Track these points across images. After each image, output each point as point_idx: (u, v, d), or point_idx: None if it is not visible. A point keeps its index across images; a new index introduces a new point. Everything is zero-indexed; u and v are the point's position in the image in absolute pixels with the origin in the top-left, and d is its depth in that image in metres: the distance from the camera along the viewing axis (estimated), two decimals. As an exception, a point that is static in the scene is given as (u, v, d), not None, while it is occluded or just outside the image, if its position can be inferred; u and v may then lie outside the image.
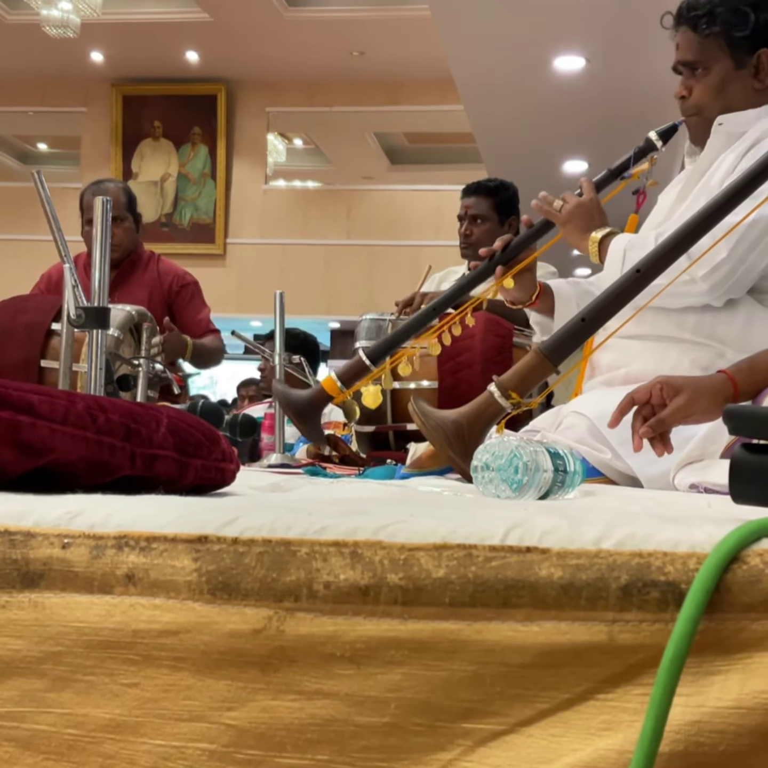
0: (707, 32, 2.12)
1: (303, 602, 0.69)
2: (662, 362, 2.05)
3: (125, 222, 3.71)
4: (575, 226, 2.16)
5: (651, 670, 0.64)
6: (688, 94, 2.18)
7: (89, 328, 1.84)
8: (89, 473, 0.91)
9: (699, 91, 2.16)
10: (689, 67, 2.17)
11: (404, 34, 11.74)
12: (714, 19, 2.11)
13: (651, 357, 2.07)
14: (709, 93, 2.15)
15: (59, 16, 10.36)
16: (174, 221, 13.75)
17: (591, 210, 2.17)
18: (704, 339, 2.04)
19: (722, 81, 2.14)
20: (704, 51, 2.14)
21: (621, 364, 2.11)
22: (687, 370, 2.02)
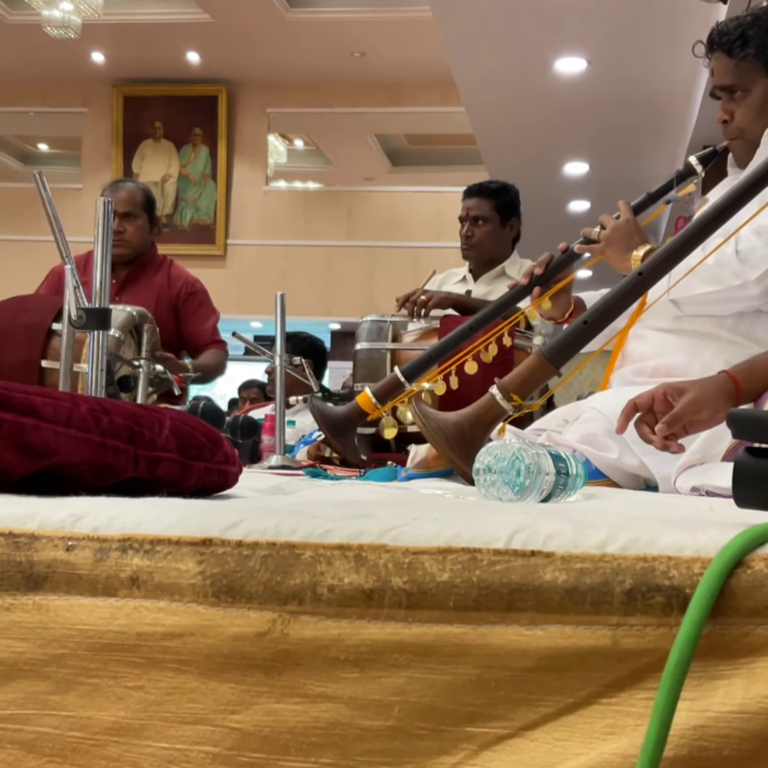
0: (742, 55, 2.14)
1: (307, 605, 0.69)
2: (695, 358, 2.06)
3: (138, 220, 3.71)
4: (614, 249, 2.16)
5: (655, 675, 0.64)
6: (730, 119, 2.20)
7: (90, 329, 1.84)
8: (93, 476, 0.91)
9: (741, 114, 2.18)
10: (728, 91, 2.19)
11: (405, 36, 11.74)
12: (747, 41, 2.13)
13: (685, 351, 2.09)
14: (751, 114, 2.17)
15: (60, 17, 10.36)
16: (174, 222, 13.75)
17: (629, 231, 2.16)
18: (741, 338, 2.06)
19: (762, 101, 2.16)
20: (741, 74, 2.16)
21: (653, 355, 2.13)
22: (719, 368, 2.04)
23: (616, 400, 1.97)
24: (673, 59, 6.97)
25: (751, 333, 2.05)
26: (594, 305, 1.66)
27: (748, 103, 2.17)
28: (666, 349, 2.11)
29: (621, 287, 1.65)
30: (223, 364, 3.82)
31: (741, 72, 2.16)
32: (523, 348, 2.62)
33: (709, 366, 2.04)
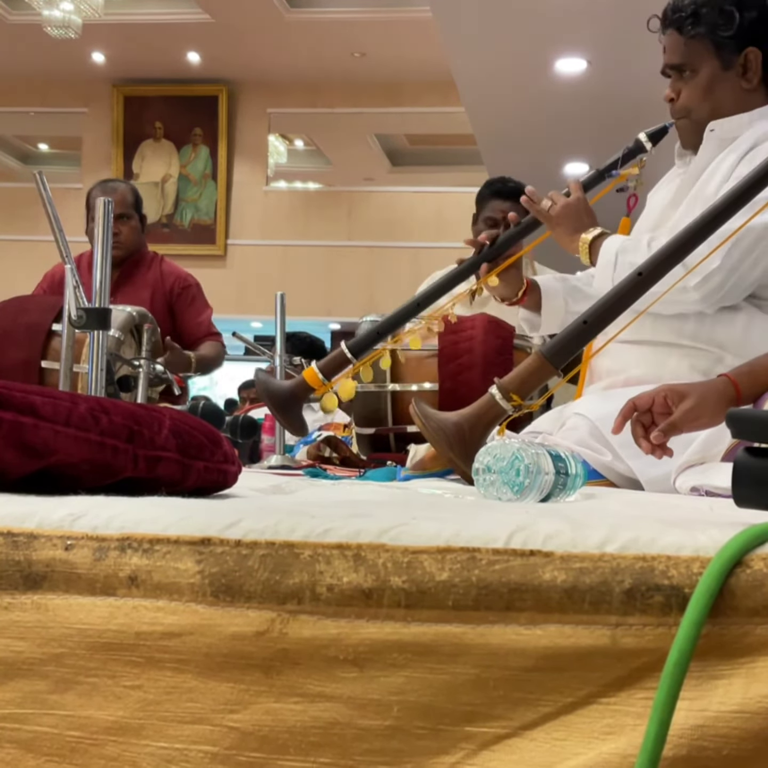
0: (693, 33, 2.09)
1: (306, 605, 0.69)
2: (661, 368, 2.04)
3: (131, 221, 3.72)
4: (564, 227, 2.14)
5: (654, 674, 0.64)
6: (676, 97, 2.16)
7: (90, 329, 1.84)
8: (92, 475, 0.91)
9: (687, 94, 2.14)
10: (677, 69, 2.15)
11: (405, 36, 11.74)
12: (699, 20, 2.08)
13: (650, 362, 2.06)
14: (698, 95, 2.13)
15: (61, 17, 10.37)
16: (175, 222, 13.76)
17: (579, 210, 2.15)
18: (703, 344, 2.03)
19: (710, 82, 2.12)
20: (691, 53, 2.12)
21: (620, 370, 2.10)
22: (686, 375, 2.02)
23: (600, 404, 1.97)
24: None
25: (712, 338, 2.02)
26: (594, 305, 1.66)
27: (695, 83, 2.13)
28: (630, 362, 2.08)
29: (620, 287, 1.64)
30: (221, 355, 3.83)
31: (690, 51, 2.12)
32: (522, 348, 2.62)
33: (676, 373, 2.02)
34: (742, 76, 2.11)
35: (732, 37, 2.08)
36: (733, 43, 2.09)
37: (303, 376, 2.18)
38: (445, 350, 2.60)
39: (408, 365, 2.60)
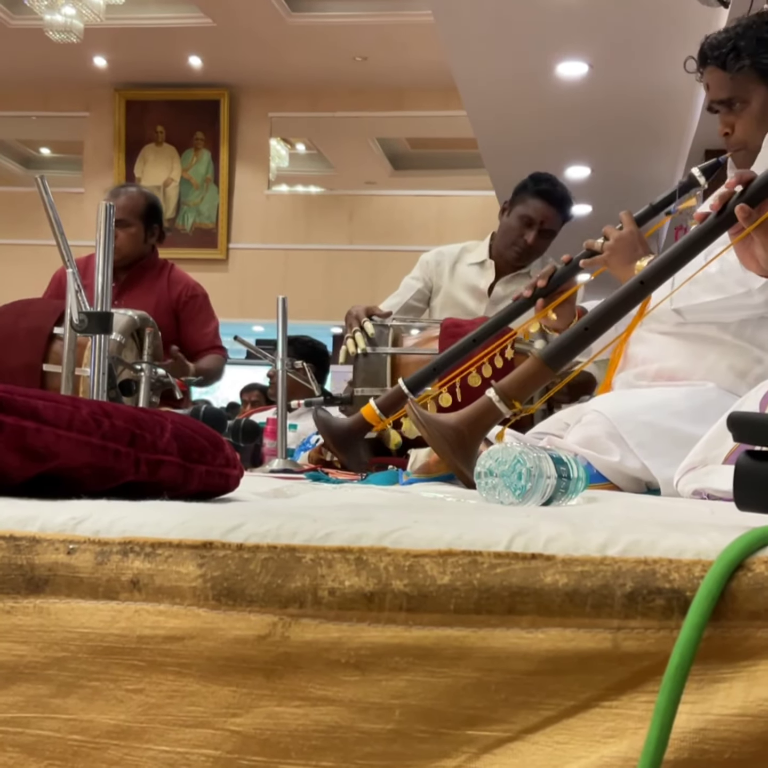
0: (738, 67, 2.13)
1: (308, 608, 0.69)
2: (698, 362, 2.06)
3: (131, 228, 3.71)
4: (618, 260, 2.15)
5: (656, 678, 0.64)
6: (731, 131, 2.20)
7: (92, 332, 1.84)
8: (94, 479, 0.91)
9: (742, 126, 2.18)
10: (726, 104, 2.18)
11: (407, 40, 11.75)
12: (740, 53, 2.12)
13: (688, 355, 2.08)
14: (753, 125, 2.16)
15: (62, 21, 10.38)
16: (177, 226, 13.77)
17: (633, 242, 2.16)
18: (745, 342, 2.06)
19: (762, 110, 2.15)
20: (738, 86, 2.15)
21: (656, 359, 2.12)
22: (722, 373, 2.04)
23: (618, 402, 1.98)
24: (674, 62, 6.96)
25: (755, 337, 2.06)
26: (593, 311, 1.67)
27: (747, 114, 2.17)
28: (669, 353, 2.10)
29: (621, 294, 1.65)
30: (221, 369, 3.83)
31: (737, 84, 2.15)
32: (523, 352, 2.62)
33: (712, 369, 2.04)
34: None
35: None
36: None
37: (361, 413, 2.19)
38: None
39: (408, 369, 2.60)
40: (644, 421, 1.90)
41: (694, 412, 1.94)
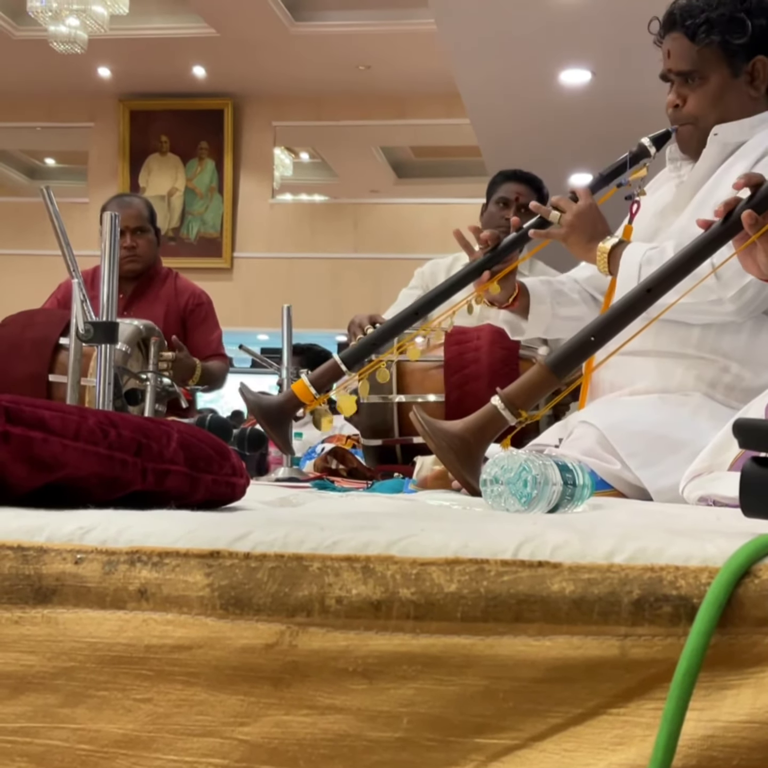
0: (707, 41, 2.06)
1: (315, 617, 0.69)
2: (667, 379, 2.03)
3: (148, 234, 3.73)
4: (578, 236, 2.07)
5: (663, 685, 0.64)
6: (682, 103, 2.14)
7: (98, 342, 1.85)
8: (101, 489, 0.91)
9: (695, 101, 2.11)
10: (683, 76, 2.12)
11: (410, 48, 11.77)
12: (712, 27, 2.05)
13: (655, 374, 2.04)
14: (707, 102, 2.10)
15: (66, 32, 10.39)
16: (181, 235, 13.79)
17: (593, 217, 2.08)
18: (708, 354, 2.02)
19: (720, 90, 2.09)
20: (701, 60, 2.08)
21: (625, 383, 2.07)
22: (692, 386, 2.02)
23: (607, 413, 1.96)
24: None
25: (718, 347, 2.01)
26: (599, 318, 1.65)
27: (704, 91, 2.10)
28: (636, 375, 2.06)
29: (627, 302, 1.63)
30: (225, 375, 3.84)
31: (702, 58, 2.08)
32: (527, 358, 2.62)
33: (682, 384, 2.02)
34: (749, 84, 2.09)
35: (743, 45, 2.06)
36: (743, 51, 2.07)
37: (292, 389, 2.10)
38: (451, 361, 2.59)
39: (414, 376, 2.60)
40: (634, 431, 1.88)
41: (683, 419, 1.93)
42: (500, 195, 3.55)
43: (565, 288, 2.35)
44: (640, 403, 2.00)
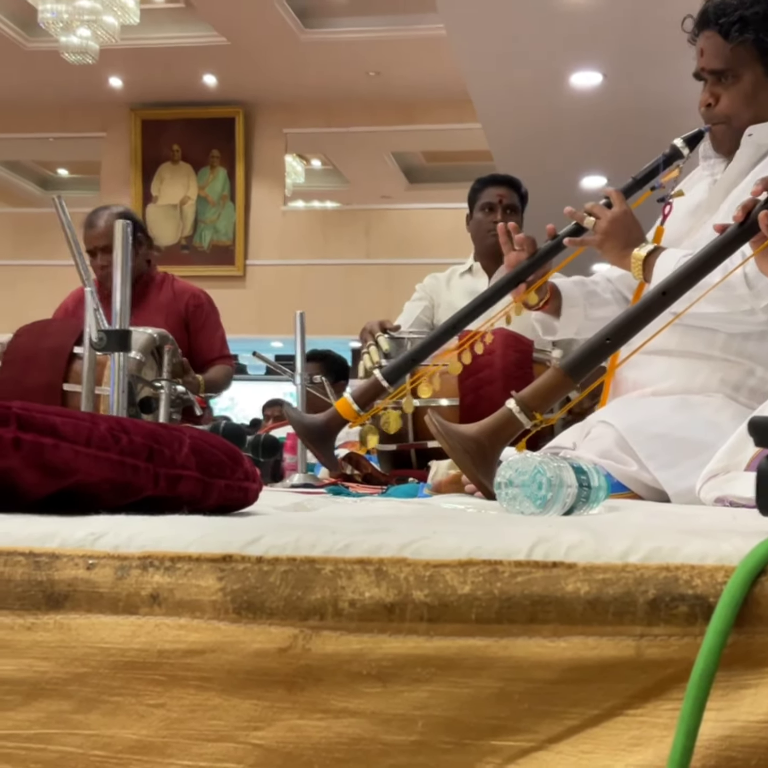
0: (740, 39, 2.04)
1: (328, 620, 0.69)
2: (691, 380, 2.02)
3: None
4: (613, 242, 2.06)
5: (680, 685, 0.63)
6: (715, 102, 2.11)
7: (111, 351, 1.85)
8: (113, 494, 0.91)
9: (728, 100, 2.09)
10: (716, 74, 2.10)
11: (420, 54, 11.78)
12: (746, 25, 2.03)
13: (679, 374, 2.03)
14: (740, 101, 2.08)
15: (78, 43, 10.43)
16: (194, 244, 13.82)
17: (627, 223, 2.07)
18: (734, 356, 2.01)
19: (753, 89, 2.07)
20: (735, 58, 2.07)
21: (648, 383, 2.07)
22: (716, 388, 2.01)
23: (627, 413, 1.95)
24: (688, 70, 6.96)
25: (743, 349, 2.01)
26: (615, 321, 1.64)
27: (737, 89, 2.08)
28: (660, 374, 2.05)
29: (643, 305, 1.62)
30: (230, 379, 3.86)
31: (735, 56, 2.06)
32: (541, 361, 2.61)
33: (706, 385, 2.01)
34: None
35: None
36: None
37: (335, 407, 2.10)
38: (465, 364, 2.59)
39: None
40: (654, 432, 1.87)
41: (704, 420, 1.91)
42: (484, 201, 3.62)
43: (598, 288, 2.34)
44: (660, 404, 1.99)
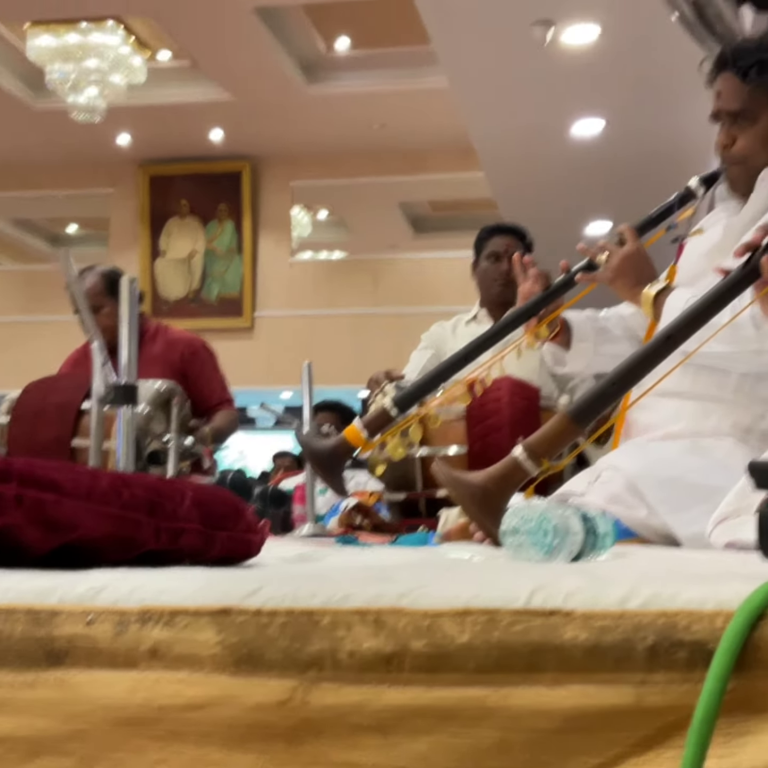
0: (758, 81, 2.06)
1: (327, 672, 0.68)
2: (702, 423, 2.01)
3: (104, 308, 3.69)
4: (625, 280, 2.08)
5: (682, 732, 0.63)
6: (731, 144, 2.12)
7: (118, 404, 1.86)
8: (115, 549, 0.91)
9: (745, 141, 2.10)
10: (733, 116, 2.11)
11: (424, 105, 11.89)
12: (764, 68, 2.05)
13: (690, 417, 2.03)
14: (757, 143, 2.10)
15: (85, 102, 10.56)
16: (202, 297, 13.88)
17: (639, 261, 2.09)
18: (745, 399, 2.01)
19: None
20: (752, 100, 2.08)
21: (659, 425, 2.06)
22: (728, 431, 2.00)
23: (636, 457, 1.94)
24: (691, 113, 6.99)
25: (755, 392, 2.01)
26: (620, 366, 1.64)
27: (755, 131, 2.09)
28: (671, 417, 2.05)
29: (649, 349, 1.62)
30: (235, 424, 3.85)
31: (753, 98, 2.08)
32: (548, 408, 2.61)
33: (717, 429, 2.00)
34: None
35: None
36: None
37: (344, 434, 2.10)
38: (473, 412, 2.59)
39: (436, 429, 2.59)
40: (665, 477, 1.87)
41: (715, 464, 1.90)
42: (490, 250, 3.64)
43: (609, 324, 2.34)
44: (671, 448, 1.99)
